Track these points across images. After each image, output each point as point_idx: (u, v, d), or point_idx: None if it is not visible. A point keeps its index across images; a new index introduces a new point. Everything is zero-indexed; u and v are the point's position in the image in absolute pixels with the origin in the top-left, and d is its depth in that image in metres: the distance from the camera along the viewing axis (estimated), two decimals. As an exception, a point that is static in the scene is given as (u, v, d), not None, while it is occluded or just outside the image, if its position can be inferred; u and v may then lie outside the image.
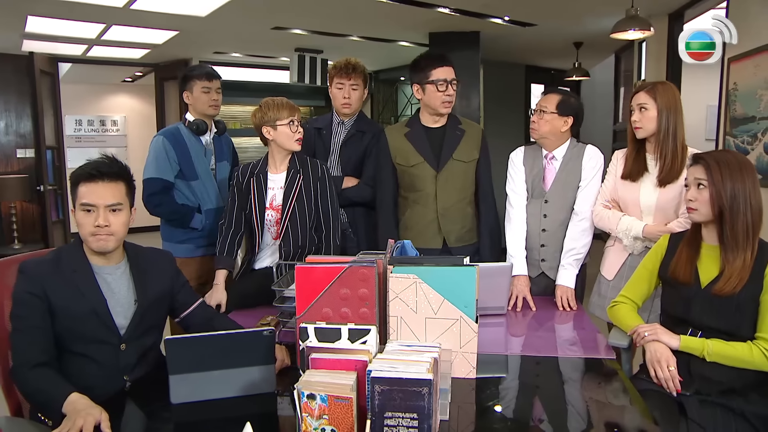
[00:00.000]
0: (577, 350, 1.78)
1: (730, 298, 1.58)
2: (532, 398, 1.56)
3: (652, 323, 1.71)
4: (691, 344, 1.60)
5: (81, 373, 1.52)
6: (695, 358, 1.60)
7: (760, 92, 2.80)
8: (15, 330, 1.49)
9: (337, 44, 5.28)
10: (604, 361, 1.69)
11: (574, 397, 1.56)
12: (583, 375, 1.69)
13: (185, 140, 2.64)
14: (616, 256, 2.20)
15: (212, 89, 2.68)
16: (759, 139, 2.81)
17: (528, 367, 1.71)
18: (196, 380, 1.38)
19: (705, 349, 1.57)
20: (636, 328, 1.70)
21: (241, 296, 2.15)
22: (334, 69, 2.62)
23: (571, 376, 1.67)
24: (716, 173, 1.61)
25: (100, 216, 1.52)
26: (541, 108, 2.25)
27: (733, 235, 1.59)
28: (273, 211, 2.23)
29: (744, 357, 1.55)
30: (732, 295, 1.58)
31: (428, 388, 1.06)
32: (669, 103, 2.02)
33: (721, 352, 1.56)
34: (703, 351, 1.57)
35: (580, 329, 1.98)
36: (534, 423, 1.39)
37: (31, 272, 1.51)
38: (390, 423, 1.07)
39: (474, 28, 4.82)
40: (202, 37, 4.88)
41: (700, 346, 1.58)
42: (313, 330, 1.19)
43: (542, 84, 7.48)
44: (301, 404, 1.05)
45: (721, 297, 1.59)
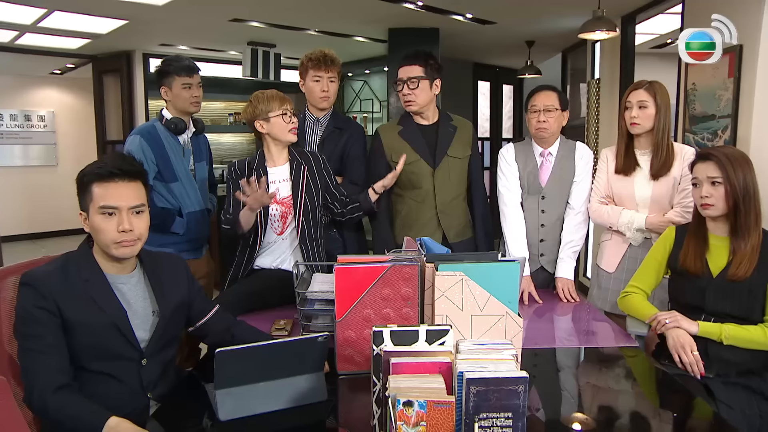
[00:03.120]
0: (600, 340, 1.83)
1: (742, 284, 1.68)
2: (578, 389, 1.58)
3: (671, 311, 1.79)
4: (709, 329, 1.68)
5: (101, 394, 1.37)
6: (712, 342, 1.69)
7: (719, 92, 3.00)
8: (26, 351, 1.33)
9: (291, 38, 5.15)
10: (628, 349, 1.75)
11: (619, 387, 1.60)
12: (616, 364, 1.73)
13: (162, 139, 2.46)
14: (616, 249, 2.28)
15: (193, 84, 2.50)
16: (719, 135, 3.01)
17: (559, 359, 1.73)
18: (243, 394, 1.29)
19: (723, 333, 1.66)
20: (656, 315, 1.77)
21: (246, 298, 2.03)
22: (310, 61, 2.52)
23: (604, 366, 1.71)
24: (729, 169, 1.70)
25: (124, 219, 1.39)
26: (546, 107, 2.28)
27: (746, 224, 1.69)
28: (278, 205, 2.15)
29: (759, 339, 1.65)
30: (744, 281, 1.68)
31: (524, 386, 1.05)
32: (665, 102, 2.12)
33: (738, 335, 1.65)
34: (720, 335, 1.66)
35: (593, 320, 2.04)
36: (593, 416, 1.41)
37: (40, 284, 1.35)
38: (484, 424, 1.05)
39: (434, 25, 4.85)
40: (152, 28, 4.59)
41: (717, 330, 1.67)
42: (389, 333, 1.14)
43: (487, 81, 7.67)
44: (396, 412, 1.01)
45: (733, 283, 1.69)
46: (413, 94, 2.33)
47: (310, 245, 2.16)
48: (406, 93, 2.34)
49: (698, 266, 1.76)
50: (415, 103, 2.35)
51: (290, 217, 2.17)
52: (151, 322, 1.48)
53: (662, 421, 1.37)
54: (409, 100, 2.35)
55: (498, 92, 7.88)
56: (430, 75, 2.34)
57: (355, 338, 1.50)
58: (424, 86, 2.33)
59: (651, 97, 2.11)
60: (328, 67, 2.50)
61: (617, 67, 4.32)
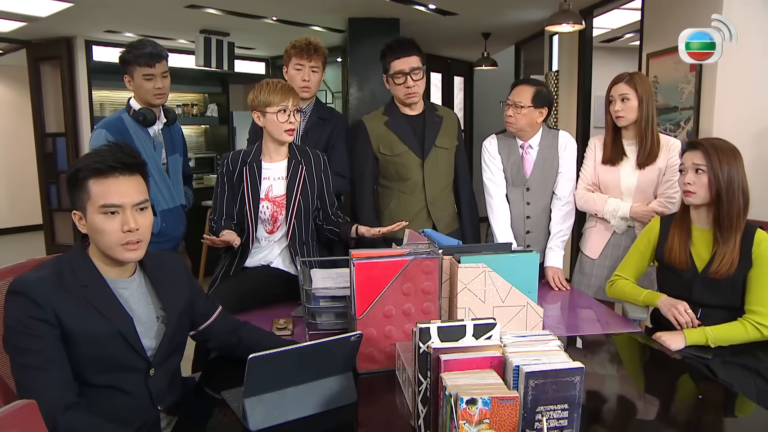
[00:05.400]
0: (602, 327, 1.86)
1: (726, 279, 1.75)
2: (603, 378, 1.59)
3: None
4: (696, 338, 1.73)
5: (107, 409, 1.26)
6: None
7: (681, 85, 3.14)
8: (25, 368, 1.19)
9: (246, 26, 4.96)
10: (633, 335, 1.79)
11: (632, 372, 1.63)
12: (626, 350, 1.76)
13: (130, 132, 2.30)
14: (599, 236, 2.34)
15: (156, 75, 2.31)
16: (682, 127, 3.16)
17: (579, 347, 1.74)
18: (273, 401, 1.21)
19: (708, 339, 1.72)
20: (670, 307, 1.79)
21: (238, 298, 1.93)
22: (294, 49, 2.43)
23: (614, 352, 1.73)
24: (714, 159, 1.75)
25: (129, 218, 1.27)
26: (516, 102, 2.29)
27: (729, 217, 1.75)
28: (269, 203, 2.04)
29: (741, 334, 1.73)
30: (728, 276, 1.75)
31: (580, 376, 1.04)
32: (647, 92, 2.18)
33: (722, 337, 1.72)
34: (707, 341, 1.72)
35: (590, 307, 2.08)
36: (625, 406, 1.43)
37: (35, 292, 1.21)
38: (541, 417, 1.04)
39: (395, 15, 4.80)
40: (99, 13, 4.28)
41: (703, 337, 1.73)
42: (436, 329, 1.10)
43: (439, 73, 7.71)
44: (459, 411, 0.98)
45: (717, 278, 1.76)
46: (417, 85, 2.28)
47: (300, 249, 2.05)
48: (411, 85, 2.27)
49: (683, 259, 1.82)
50: (417, 94, 2.31)
51: (281, 218, 2.06)
52: (156, 328, 1.37)
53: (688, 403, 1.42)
54: (414, 92, 2.29)
55: (450, 84, 7.94)
56: (424, 63, 2.31)
57: (376, 336, 1.46)
58: (423, 76, 2.29)
59: (632, 89, 2.17)
60: (311, 56, 2.41)
61: (575, 60, 4.45)
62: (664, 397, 1.46)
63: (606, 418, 1.32)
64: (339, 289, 1.69)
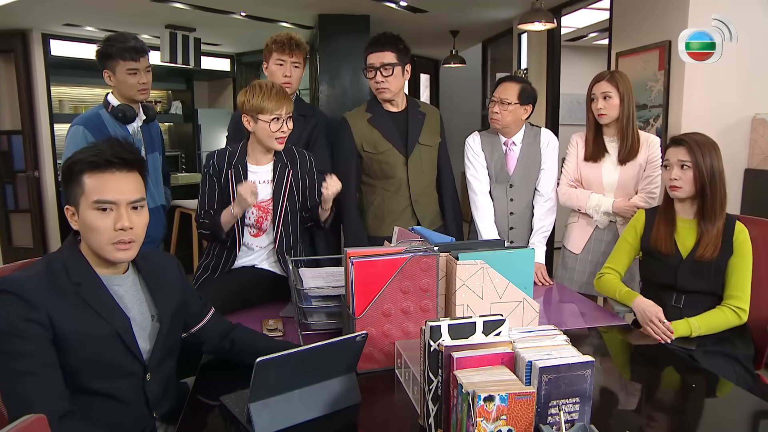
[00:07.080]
0: (589, 321, 1.90)
1: (709, 264, 1.82)
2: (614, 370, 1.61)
3: None
4: (681, 330, 1.78)
5: (102, 418, 1.21)
6: None
7: (651, 84, 3.24)
8: (12, 373, 1.12)
9: (212, 21, 4.84)
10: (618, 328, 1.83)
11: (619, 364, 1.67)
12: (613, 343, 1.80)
13: (108, 129, 2.22)
14: (582, 231, 2.39)
15: (140, 70, 2.27)
16: (651, 124, 3.26)
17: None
18: (279, 404, 1.18)
19: (692, 329, 1.78)
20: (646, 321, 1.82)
21: (226, 299, 1.87)
22: (275, 44, 2.41)
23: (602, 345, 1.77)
24: (699, 154, 1.82)
25: (122, 216, 1.22)
26: (502, 99, 2.32)
27: (712, 207, 1.82)
28: (254, 208, 1.98)
29: (721, 321, 1.79)
30: (711, 260, 1.82)
31: (591, 370, 1.06)
32: (628, 90, 2.24)
33: (705, 325, 1.79)
34: (691, 332, 1.78)
35: (573, 302, 2.12)
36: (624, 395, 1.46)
37: (26, 291, 1.14)
38: (553, 412, 1.05)
39: (365, 12, 4.78)
40: (59, 5, 4.10)
41: (687, 328, 1.78)
42: (447, 327, 1.10)
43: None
44: (476, 409, 0.97)
45: (701, 263, 1.82)
46: (387, 81, 2.27)
47: (288, 254, 2.00)
48: (379, 80, 2.27)
49: (669, 246, 1.88)
50: (388, 90, 2.29)
51: (266, 223, 2.02)
52: (150, 329, 1.32)
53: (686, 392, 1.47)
54: (383, 87, 2.29)
55: (416, 81, 7.97)
56: (401, 60, 2.29)
57: (375, 335, 1.45)
58: (397, 72, 2.28)
59: (614, 87, 2.22)
60: (293, 51, 2.38)
61: (544, 58, 4.53)
62: (655, 387, 1.51)
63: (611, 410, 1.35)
64: (333, 288, 1.67)
